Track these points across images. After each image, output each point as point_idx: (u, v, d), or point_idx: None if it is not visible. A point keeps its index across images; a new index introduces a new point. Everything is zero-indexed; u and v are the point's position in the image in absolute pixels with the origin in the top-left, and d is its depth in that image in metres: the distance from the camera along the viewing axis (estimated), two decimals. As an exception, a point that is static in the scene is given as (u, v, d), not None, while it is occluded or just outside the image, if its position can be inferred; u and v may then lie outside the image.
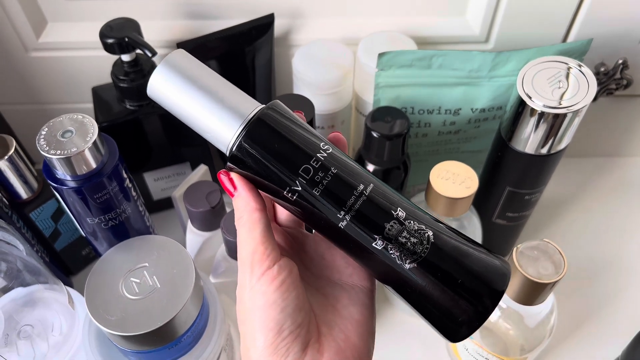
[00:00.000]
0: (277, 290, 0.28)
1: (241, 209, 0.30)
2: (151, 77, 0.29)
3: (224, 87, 0.30)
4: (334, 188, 0.29)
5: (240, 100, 0.29)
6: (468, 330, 0.29)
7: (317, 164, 0.29)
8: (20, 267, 0.46)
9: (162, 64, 0.29)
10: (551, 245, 0.45)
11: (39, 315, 0.49)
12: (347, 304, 0.31)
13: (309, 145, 0.29)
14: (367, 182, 0.29)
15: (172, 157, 0.64)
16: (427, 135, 0.60)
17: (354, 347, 0.30)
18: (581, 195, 0.72)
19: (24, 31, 0.59)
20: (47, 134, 0.43)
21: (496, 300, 0.29)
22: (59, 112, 0.45)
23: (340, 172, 0.29)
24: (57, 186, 0.44)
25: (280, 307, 0.28)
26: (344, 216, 0.29)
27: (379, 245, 0.29)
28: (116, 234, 0.49)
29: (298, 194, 0.29)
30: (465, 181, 0.48)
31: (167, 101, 0.29)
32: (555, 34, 0.59)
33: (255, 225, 0.29)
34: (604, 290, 0.63)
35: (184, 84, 0.29)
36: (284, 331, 0.28)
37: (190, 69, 0.29)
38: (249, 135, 0.29)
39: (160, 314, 0.42)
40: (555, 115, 0.47)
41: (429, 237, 0.29)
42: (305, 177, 0.28)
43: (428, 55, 0.53)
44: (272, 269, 0.28)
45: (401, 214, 0.29)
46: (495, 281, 0.29)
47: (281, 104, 0.30)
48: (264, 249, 0.29)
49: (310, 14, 0.61)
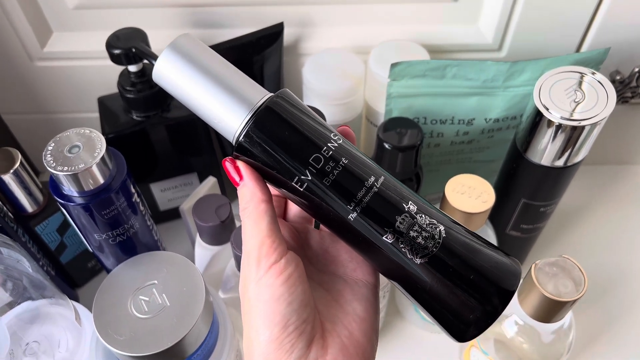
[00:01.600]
0: (284, 284, 0.27)
1: (247, 199, 0.29)
2: (157, 62, 0.28)
3: (232, 73, 0.29)
4: (344, 179, 0.28)
5: (249, 88, 0.29)
6: (476, 330, 0.28)
7: (328, 153, 0.28)
8: (26, 283, 0.45)
9: (168, 48, 0.28)
10: (570, 261, 0.44)
11: (45, 331, 0.49)
12: (350, 299, 0.31)
13: (319, 135, 0.28)
14: (378, 174, 0.28)
15: (179, 167, 0.63)
16: (440, 145, 0.59)
17: (358, 344, 0.29)
18: (596, 205, 0.71)
19: (29, 41, 0.58)
20: (54, 149, 0.42)
21: (507, 300, 0.28)
22: (64, 122, 0.45)
23: (351, 163, 0.28)
24: (64, 202, 0.43)
25: (287, 302, 0.27)
26: (354, 208, 0.28)
27: (389, 239, 0.28)
28: (124, 250, 0.49)
29: (307, 184, 0.28)
30: (482, 195, 0.47)
31: (173, 87, 0.29)
32: (570, 42, 0.58)
33: (262, 217, 0.28)
34: (620, 302, 0.62)
35: (190, 70, 0.28)
36: (290, 326, 0.27)
37: (197, 54, 0.28)
38: (258, 123, 0.28)
39: (170, 334, 0.41)
40: (573, 128, 0.46)
41: (440, 232, 0.28)
42: (316, 166, 0.28)
43: (442, 65, 0.52)
44: (280, 263, 0.28)
45: (412, 208, 0.28)
46: (506, 280, 0.28)
47: (290, 93, 0.29)
48: (272, 242, 0.28)
49: (320, 22, 0.60)
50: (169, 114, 0.57)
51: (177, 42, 0.28)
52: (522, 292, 0.46)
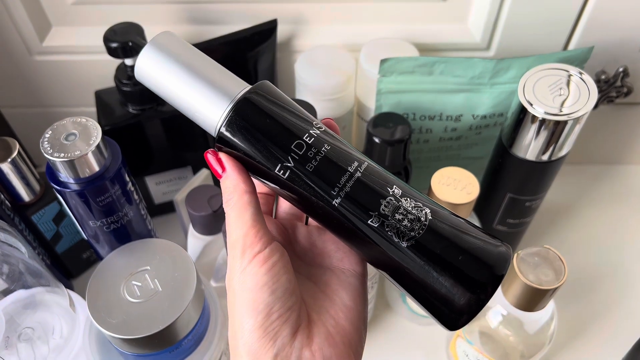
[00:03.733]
0: (268, 272, 0.27)
1: (230, 190, 0.29)
2: (138, 59, 0.29)
3: (212, 67, 0.29)
4: (327, 164, 0.28)
5: (229, 80, 0.29)
6: (467, 317, 0.27)
7: (310, 139, 0.28)
8: (22, 269, 0.46)
9: (148, 45, 0.28)
10: (552, 251, 0.45)
11: (40, 318, 0.50)
12: (337, 288, 0.31)
13: (301, 122, 0.28)
14: (361, 161, 0.29)
15: (174, 161, 0.64)
16: (429, 141, 0.60)
17: (344, 332, 0.29)
18: (581, 203, 0.72)
19: (28, 35, 0.60)
20: (51, 137, 0.43)
21: (496, 284, 0.27)
22: (62, 115, 0.46)
23: (333, 150, 0.28)
24: (60, 189, 0.44)
25: (271, 290, 0.27)
26: (338, 193, 0.28)
27: (375, 223, 0.27)
28: (118, 237, 0.50)
29: (290, 171, 0.28)
30: (467, 187, 0.48)
31: (154, 83, 0.29)
32: (557, 41, 0.60)
33: (246, 207, 0.28)
34: (604, 297, 0.63)
35: (170, 65, 0.28)
36: (274, 314, 0.27)
37: (177, 50, 0.29)
38: (238, 112, 0.28)
39: (162, 318, 0.42)
40: (556, 122, 0.47)
41: (426, 214, 0.28)
42: (298, 152, 0.28)
43: (430, 61, 0.53)
44: (264, 252, 0.28)
45: (397, 192, 0.28)
46: (495, 264, 0.27)
47: (271, 85, 0.30)
48: (256, 232, 0.28)
49: (313, 20, 0.61)
50: (164, 108, 0.58)
51: (156, 39, 0.29)
52: (505, 282, 0.47)
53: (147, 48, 0.28)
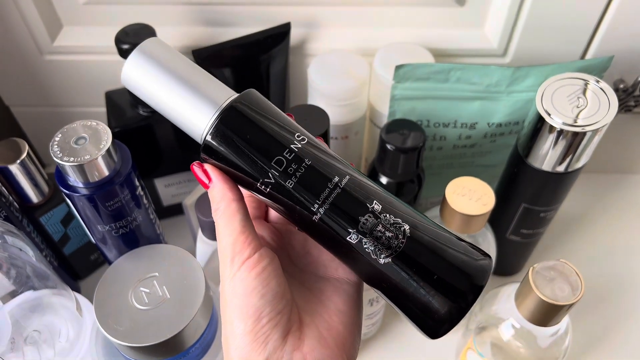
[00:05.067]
0: (258, 277, 0.28)
1: (217, 200, 0.29)
2: (124, 65, 0.28)
3: (198, 75, 0.29)
4: (307, 180, 0.28)
5: (214, 89, 0.29)
6: (447, 326, 0.28)
7: (291, 155, 0.28)
8: (29, 272, 0.46)
9: (135, 52, 0.28)
10: (568, 265, 0.44)
11: (46, 321, 0.49)
12: (331, 294, 0.31)
13: (282, 136, 0.28)
14: (342, 174, 0.28)
15: (184, 163, 0.63)
16: (442, 148, 0.59)
17: (337, 334, 0.29)
18: (596, 213, 0.71)
19: (39, 34, 0.59)
20: (61, 140, 0.43)
21: (475, 295, 0.28)
22: (72, 115, 0.45)
23: (314, 164, 0.28)
24: (69, 193, 0.44)
25: (260, 294, 0.28)
26: (318, 209, 0.28)
27: (354, 239, 0.28)
28: (126, 242, 0.49)
29: (271, 186, 0.28)
30: (482, 198, 0.47)
31: (140, 90, 0.29)
32: (575, 49, 0.59)
33: (234, 215, 0.29)
34: (618, 310, 0.62)
35: (157, 72, 0.28)
36: (263, 318, 0.27)
37: (163, 57, 0.28)
38: (221, 124, 0.28)
39: (170, 325, 0.42)
40: (575, 134, 0.46)
41: (404, 231, 0.28)
42: (278, 169, 0.28)
43: (446, 68, 0.52)
44: (253, 257, 0.28)
45: (377, 207, 0.28)
46: (474, 276, 0.28)
47: (257, 93, 0.29)
48: (245, 238, 0.28)
49: (326, 23, 0.60)
50: (174, 110, 0.57)
51: (144, 46, 0.28)
52: (519, 295, 0.46)
53: (134, 54, 0.28)
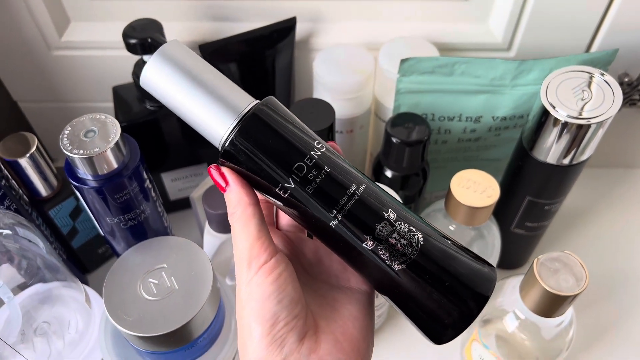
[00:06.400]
0: (274, 282, 0.28)
1: (234, 204, 0.29)
2: (145, 68, 0.28)
3: (219, 80, 0.29)
4: (326, 187, 0.28)
5: (235, 95, 0.29)
6: (453, 333, 0.29)
7: (311, 162, 0.28)
8: (40, 264, 0.47)
9: (156, 55, 0.28)
10: (572, 257, 0.44)
11: (56, 313, 0.50)
12: (344, 302, 0.31)
13: (303, 143, 0.29)
14: (359, 182, 0.29)
15: (190, 158, 0.64)
16: (447, 142, 0.59)
17: (352, 339, 0.30)
18: (601, 207, 0.71)
19: (47, 30, 0.60)
20: (70, 133, 0.43)
21: (481, 304, 0.29)
22: (79, 111, 0.46)
23: (333, 172, 0.29)
24: (78, 185, 0.44)
25: (277, 299, 0.28)
26: (336, 215, 0.28)
27: (369, 245, 0.28)
28: (135, 234, 0.50)
29: (290, 192, 0.29)
30: (487, 190, 0.48)
31: (160, 93, 0.29)
32: (579, 43, 0.59)
33: (250, 220, 0.29)
34: (622, 303, 0.63)
35: (178, 76, 0.28)
36: (280, 322, 0.28)
37: (185, 61, 0.28)
38: (243, 130, 0.28)
39: (178, 316, 0.42)
40: (579, 126, 0.46)
41: (418, 239, 0.29)
42: (299, 174, 0.28)
43: (450, 62, 0.52)
44: (269, 263, 0.28)
45: (392, 216, 0.29)
46: (481, 286, 0.29)
47: (276, 101, 0.30)
48: (261, 243, 0.29)
49: (332, 18, 0.61)
50: (181, 105, 0.58)
51: (165, 49, 0.28)
52: (524, 286, 0.46)
53: (154, 57, 0.28)
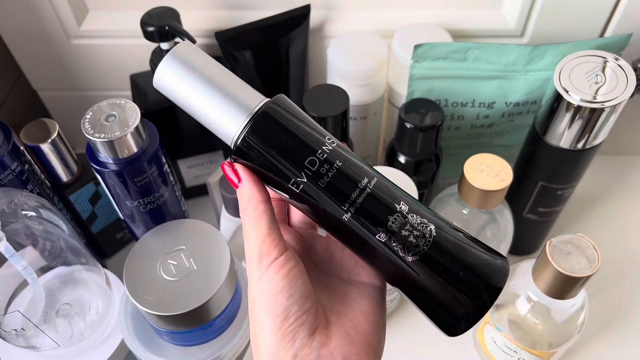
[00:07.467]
0: (285, 278, 0.29)
1: (246, 200, 0.30)
2: (157, 69, 0.29)
3: (230, 80, 0.30)
4: (338, 181, 0.29)
5: (246, 94, 0.30)
6: (466, 325, 0.29)
7: (323, 156, 0.29)
8: (63, 246, 0.48)
9: (168, 56, 0.29)
10: (585, 239, 0.45)
11: (78, 295, 0.51)
12: (356, 297, 0.32)
13: (314, 138, 0.29)
14: (370, 176, 0.30)
15: (206, 145, 0.65)
16: (460, 128, 0.60)
17: (364, 333, 0.30)
18: (613, 193, 0.71)
19: (66, 19, 0.61)
20: (92, 117, 0.44)
21: (494, 296, 0.29)
22: (97, 99, 0.47)
23: (344, 166, 0.29)
24: (99, 169, 0.46)
25: (288, 294, 0.28)
26: (348, 209, 0.29)
27: (382, 238, 0.29)
28: (153, 218, 0.51)
29: (303, 186, 0.29)
30: (500, 174, 0.48)
31: (173, 93, 0.30)
32: (593, 29, 0.59)
33: (261, 216, 0.30)
34: (635, 288, 0.63)
35: (190, 77, 0.29)
36: (291, 317, 0.28)
37: (196, 62, 0.29)
38: (254, 128, 0.29)
39: (197, 296, 0.43)
40: (592, 110, 0.46)
41: (431, 231, 0.29)
42: (311, 169, 0.29)
43: (464, 47, 0.53)
44: (280, 259, 0.29)
45: (404, 208, 0.29)
46: (494, 277, 0.29)
47: (286, 98, 0.30)
48: (272, 240, 0.29)
49: (345, 5, 0.61)
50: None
51: (176, 50, 0.29)
52: (536, 268, 0.47)
53: (167, 59, 0.29)
